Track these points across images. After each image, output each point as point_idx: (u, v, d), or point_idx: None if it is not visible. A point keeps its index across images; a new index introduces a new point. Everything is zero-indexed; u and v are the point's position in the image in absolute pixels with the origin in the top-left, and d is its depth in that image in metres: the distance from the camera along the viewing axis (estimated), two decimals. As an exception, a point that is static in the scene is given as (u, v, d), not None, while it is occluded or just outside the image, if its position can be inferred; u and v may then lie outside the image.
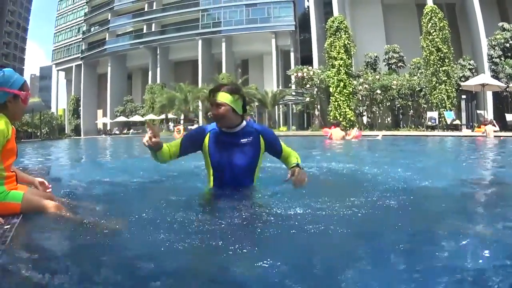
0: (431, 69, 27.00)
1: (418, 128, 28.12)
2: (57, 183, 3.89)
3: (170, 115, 44.04)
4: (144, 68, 53.91)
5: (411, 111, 30.35)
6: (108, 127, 52.81)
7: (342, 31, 29.97)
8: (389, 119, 32.69)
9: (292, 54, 44.32)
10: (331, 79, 29.86)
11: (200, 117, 43.54)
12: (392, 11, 38.64)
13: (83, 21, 60.12)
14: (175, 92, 41.54)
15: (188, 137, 2.92)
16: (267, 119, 38.71)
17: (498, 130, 18.98)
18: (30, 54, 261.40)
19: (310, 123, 35.32)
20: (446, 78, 26.68)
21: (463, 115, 26.49)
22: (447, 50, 26.90)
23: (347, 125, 27.39)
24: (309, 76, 32.43)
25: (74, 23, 62.21)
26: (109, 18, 56.47)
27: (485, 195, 3.40)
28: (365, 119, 32.34)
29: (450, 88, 26.79)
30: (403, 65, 33.24)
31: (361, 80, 30.83)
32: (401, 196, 2.87)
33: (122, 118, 49.87)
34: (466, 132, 22.26)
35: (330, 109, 30.14)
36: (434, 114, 26.45)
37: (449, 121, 25.46)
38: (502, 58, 28.19)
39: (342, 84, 29.46)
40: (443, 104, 26.52)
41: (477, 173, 5.13)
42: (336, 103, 29.51)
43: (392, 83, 29.63)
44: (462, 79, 27.84)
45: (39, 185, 2.74)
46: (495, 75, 27.93)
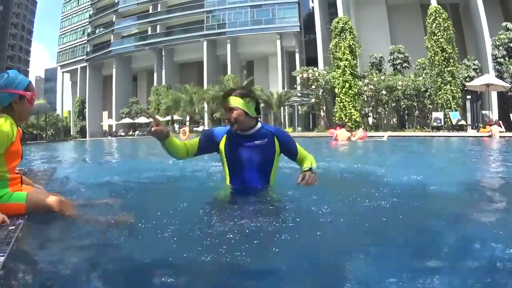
0: (436, 69, 26.89)
1: (423, 128, 28.00)
2: (62, 184, 3.89)
3: (175, 117, 44.13)
4: (149, 69, 54.12)
5: (417, 111, 30.28)
6: (114, 129, 53.04)
7: (347, 31, 29.92)
8: (394, 119, 32.62)
9: (297, 55, 44.29)
10: (336, 80, 29.81)
11: (206, 119, 43.60)
12: (396, 12, 38.61)
13: (88, 23, 60.46)
14: (181, 93, 41.62)
15: (206, 135, 2.97)
16: (272, 120, 38.64)
17: (503, 131, 18.86)
18: (35, 56, 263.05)
19: (315, 124, 35.25)
20: (451, 78, 26.56)
21: (468, 115, 26.36)
22: (451, 51, 26.77)
23: (353, 126, 27.32)
24: (315, 77, 32.42)
25: (79, 25, 62.46)
26: (114, 20, 56.68)
27: (498, 196, 3.36)
28: (370, 120, 32.28)
29: (455, 88, 26.67)
30: (408, 65, 33.13)
31: (366, 80, 30.80)
32: (415, 200, 2.87)
33: (127, 120, 50.05)
34: (471, 132, 22.10)
35: (335, 110, 30.09)
36: (440, 114, 26.31)
37: (454, 122, 25.33)
38: (506, 58, 28.11)
39: (347, 85, 29.41)
40: (449, 105, 26.40)
41: (488, 174, 5.07)
42: (342, 104, 29.47)
43: (397, 84, 29.60)
44: (467, 79, 27.78)
45: None
46: (500, 75, 27.87)
